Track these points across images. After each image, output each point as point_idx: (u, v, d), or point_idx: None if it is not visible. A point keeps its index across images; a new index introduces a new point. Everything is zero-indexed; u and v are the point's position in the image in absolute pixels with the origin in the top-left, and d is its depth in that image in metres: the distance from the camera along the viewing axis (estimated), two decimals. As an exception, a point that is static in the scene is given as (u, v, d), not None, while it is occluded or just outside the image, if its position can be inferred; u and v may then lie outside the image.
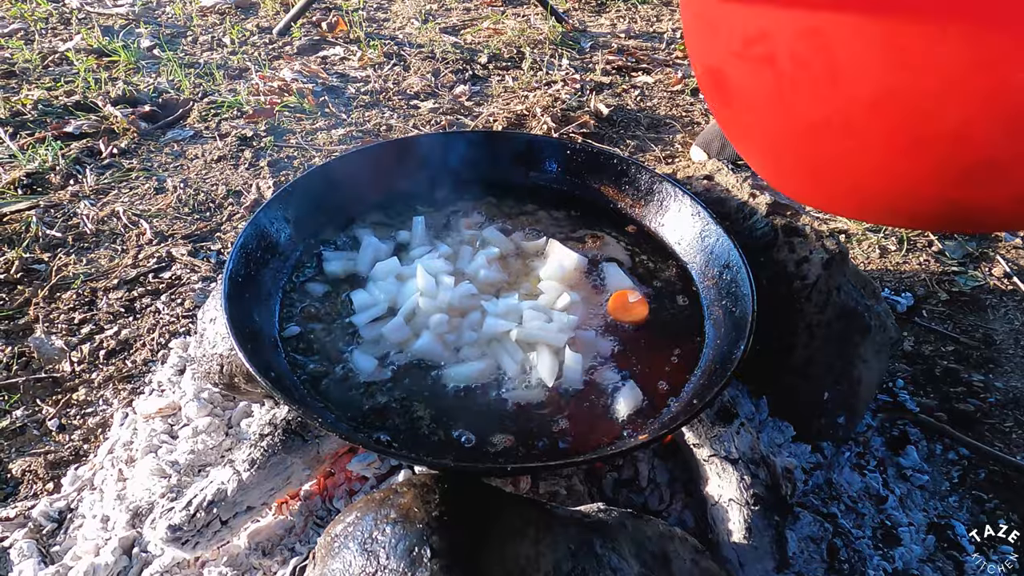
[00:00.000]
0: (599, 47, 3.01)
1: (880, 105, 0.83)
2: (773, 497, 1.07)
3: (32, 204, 1.93)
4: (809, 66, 0.84)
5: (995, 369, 1.57)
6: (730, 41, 0.94)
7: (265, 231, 1.23)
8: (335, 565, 0.83)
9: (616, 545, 0.89)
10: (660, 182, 1.38)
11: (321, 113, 2.41)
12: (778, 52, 0.88)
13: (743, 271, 1.16)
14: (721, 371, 1.04)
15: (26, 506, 1.23)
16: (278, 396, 0.95)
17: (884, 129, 0.85)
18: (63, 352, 1.53)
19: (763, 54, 0.90)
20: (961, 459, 1.38)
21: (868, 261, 1.87)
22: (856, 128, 0.86)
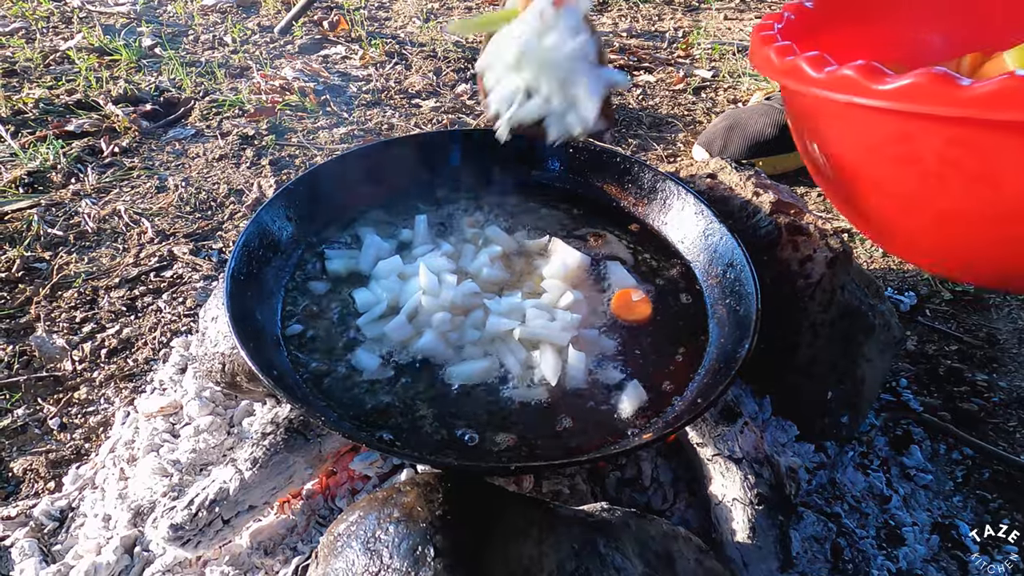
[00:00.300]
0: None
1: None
2: (777, 497, 1.07)
3: (33, 203, 1.93)
4: (960, 167, 0.83)
5: (999, 369, 1.57)
6: (865, 138, 0.92)
7: (267, 229, 1.23)
8: (338, 564, 0.82)
9: (620, 545, 0.89)
10: (663, 180, 1.37)
11: (323, 112, 2.41)
12: (924, 154, 0.86)
13: (747, 270, 1.15)
14: (725, 370, 1.04)
15: (27, 505, 1.23)
16: (280, 395, 0.95)
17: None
18: (64, 351, 1.53)
19: (905, 154, 0.88)
20: (965, 459, 1.37)
21: (871, 260, 1.86)
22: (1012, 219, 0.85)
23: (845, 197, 1.10)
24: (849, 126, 0.96)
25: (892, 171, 0.95)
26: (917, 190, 0.94)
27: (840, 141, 1.00)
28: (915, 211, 0.97)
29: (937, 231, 0.97)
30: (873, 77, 0.83)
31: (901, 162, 0.91)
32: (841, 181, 1.05)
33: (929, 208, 0.95)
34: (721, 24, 3.27)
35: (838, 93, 0.88)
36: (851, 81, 0.85)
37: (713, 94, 2.67)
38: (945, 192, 0.89)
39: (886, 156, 0.93)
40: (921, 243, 1.05)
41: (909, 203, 0.97)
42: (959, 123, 0.79)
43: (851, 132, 0.96)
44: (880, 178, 0.98)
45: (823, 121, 1.02)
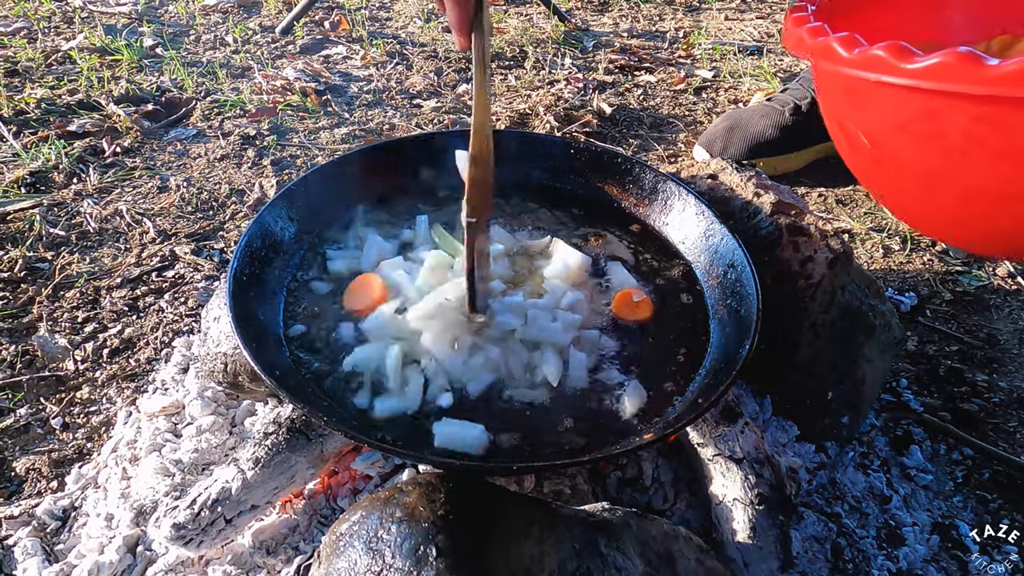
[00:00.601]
0: (602, 46, 3.01)
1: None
2: (777, 497, 1.07)
3: (35, 203, 1.93)
4: (984, 144, 0.85)
5: (999, 369, 1.57)
6: (893, 116, 0.94)
7: (269, 229, 1.23)
8: (340, 564, 0.83)
9: (621, 544, 0.89)
10: (664, 181, 1.38)
11: (324, 112, 2.41)
12: (949, 131, 0.88)
13: (748, 270, 1.16)
14: (726, 370, 1.04)
15: (30, 504, 1.23)
16: (283, 395, 0.95)
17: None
18: (67, 350, 1.53)
19: (931, 131, 0.90)
20: (965, 459, 1.38)
21: (872, 261, 1.87)
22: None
23: (873, 174, 1.12)
24: (878, 105, 0.98)
25: (918, 148, 0.97)
26: (941, 167, 0.96)
27: (869, 119, 1.02)
28: (939, 188, 0.99)
29: (960, 207, 0.99)
30: (902, 56, 0.85)
31: (927, 139, 0.94)
32: (870, 159, 1.07)
33: (953, 184, 0.96)
34: (722, 24, 3.27)
35: (868, 72, 0.90)
36: (881, 60, 0.88)
37: (714, 94, 2.67)
38: (968, 169, 0.92)
39: (913, 133, 0.95)
40: (944, 219, 1.07)
41: (934, 180, 0.99)
42: (985, 101, 0.82)
43: (880, 110, 0.98)
44: (907, 155, 1.01)
45: (853, 100, 1.04)
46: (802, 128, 2.14)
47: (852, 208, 2.07)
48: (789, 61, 2.91)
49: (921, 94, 0.88)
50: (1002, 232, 1.00)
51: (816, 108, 2.12)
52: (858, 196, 2.12)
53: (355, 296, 1.19)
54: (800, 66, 2.86)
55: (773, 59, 2.92)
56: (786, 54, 2.98)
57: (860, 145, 1.07)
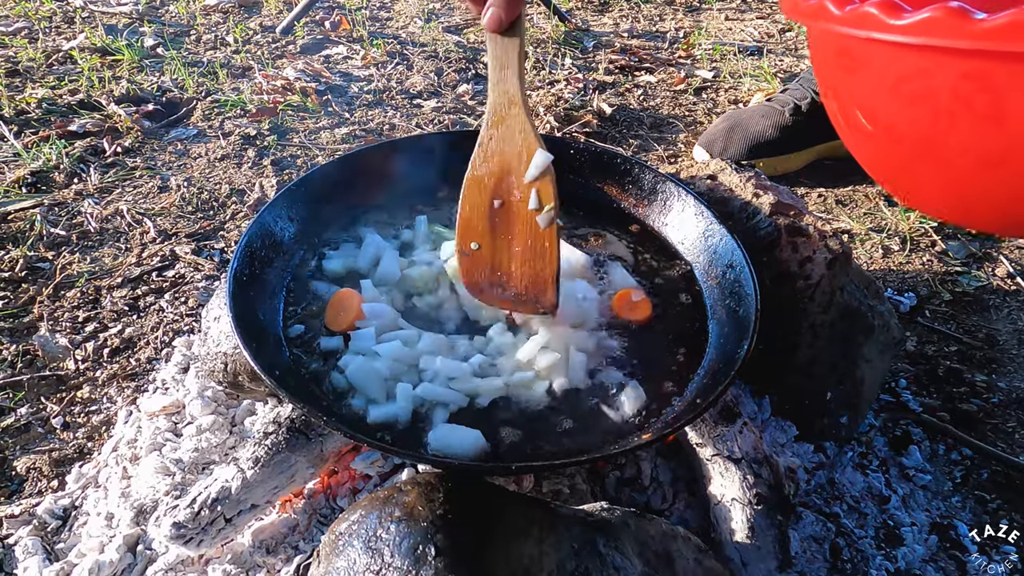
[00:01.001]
0: (602, 46, 3.01)
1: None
2: (776, 497, 1.07)
3: (36, 202, 1.94)
4: (971, 104, 0.85)
5: (998, 369, 1.57)
6: (883, 77, 0.94)
7: (269, 229, 1.24)
8: (340, 563, 0.83)
9: (619, 544, 0.89)
10: (663, 182, 1.38)
11: (324, 112, 2.42)
12: (938, 91, 0.88)
13: (746, 271, 1.16)
14: (725, 371, 1.04)
15: (31, 503, 1.24)
16: (282, 395, 0.95)
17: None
18: (67, 350, 1.54)
19: (920, 92, 0.90)
20: (964, 459, 1.38)
21: (871, 261, 1.87)
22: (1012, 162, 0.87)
23: (866, 146, 1.11)
24: (869, 66, 0.98)
25: (908, 111, 0.96)
26: (930, 131, 0.95)
27: (861, 84, 1.01)
28: (929, 155, 0.98)
29: (950, 176, 0.98)
30: (892, 12, 0.86)
31: (916, 101, 0.93)
32: (862, 129, 1.06)
33: (942, 150, 0.96)
34: (722, 24, 3.27)
35: (859, 30, 0.90)
36: (871, 17, 0.88)
37: (714, 95, 2.67)
38: (955, 132, 0.91)
39: (903, 96, 0.95)
40: (935, 190, 1.06)
41: (923, 146, 0.99)
42: (971, 56, 0.82)
43: (871, 72, 0.98)
44: (897, 120, 1.00)
45: (846, 63, 1.03)
46: (802, 128, 2.14)
47: (852, 208, 2.07)
48: (789, 61, 2.91)
49: (910, 51, 0.88)
50: (992, 203, 0.99)
51: (816, 109, 2.13)
52: (858, 197, 2.12)
53: (334, 315, 1.18)
54: (800, 66, 2.86)
55: (773, 59, 2.92)
56: (786, 54, 2.98)
57: (853, 115, 1.06)
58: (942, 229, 1.97)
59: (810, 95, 2.14)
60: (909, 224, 1.97)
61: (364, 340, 1.12)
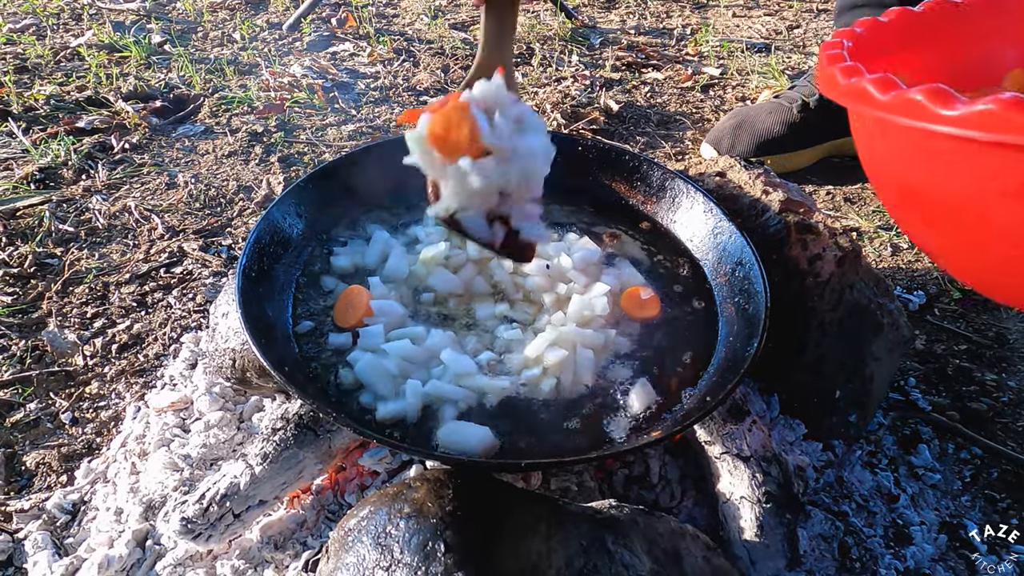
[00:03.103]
0: (609, 43, 3.00)
1: None
2: (785, 495, 1.07)
3: (45, 199, 1.94)
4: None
5: (1008, 368, 1.56)
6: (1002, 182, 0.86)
7: (278, 226, 1.24)
8: (349, 559, 0.83)
9: (628, 542, 0.89)
10: (672, 179, 1.37)
11: (331, 109, 2.42)
12: (1007, 182, 0.78)
13: (756, 268, 1.15)
14: (734, 368, 1.04)
15: (40, 498, 1.24)
16: (292, 390, 0.95)
17: None
18: (76, 346, 1.54)
19: (984, 182, 0.79)
20: (973, 458, 1.37)
21: (880, 259, 1.86)
22: None
23: (917, 224, 1.04)
24: (920, 152, 0.90)
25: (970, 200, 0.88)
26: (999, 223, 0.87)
27: (954, 182, 0.93)
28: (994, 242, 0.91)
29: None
30: (942, 102, 0.78)
31: (979, 189, 0.86)
32: (913, 209, 0.99)
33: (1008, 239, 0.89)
34: (729, 21, 3.26)
35: (905, 118, 0.83)
36: (918, 106, 0.80)
37: (721, 92, 2.66)
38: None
39: (960, 182, 0.87)
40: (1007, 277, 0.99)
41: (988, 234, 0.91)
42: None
43: (922, 158, 0.90)
44: (953, 206, 0.92)
45: (894, 146, 0.96)
46: (810, 125, 2.13)
47: (860, 206, 2.06)
48: (797, 59, 2.90)
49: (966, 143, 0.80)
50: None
51: (824, 106, 2.12)
52: (866, 194, 2.11)
53: (343, 311, 1.18)
54: (808, 63, 2.84)
55: (781, 56, 2.91)
56: (794, 52, 2.96)
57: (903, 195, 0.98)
58: (951, 227, 1.95)
59: (818, 92, 2.13)
60: (918, 222, 1.95)
61: (373, 337, 1.12)
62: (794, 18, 3.30)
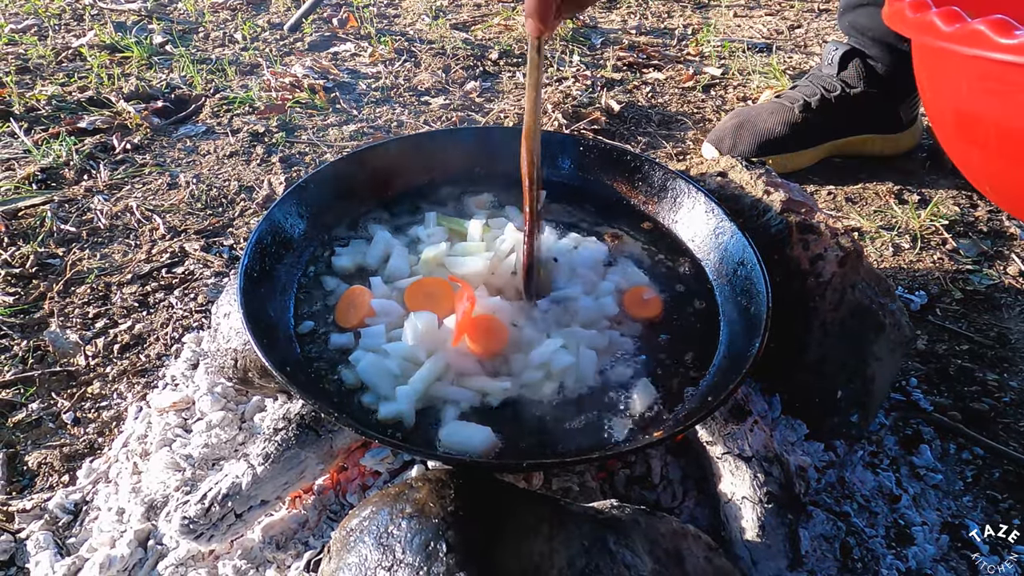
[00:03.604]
0: (610, 43, 3.00)
1: None
2: (786, 495, 1.07)
3: (47, 199, 1.95)
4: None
5: (1010, 368, 1.56)
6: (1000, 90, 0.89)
7: (280, 226, 1.24)
8: (351, 559, 0.83)
9: (629, 542, 0.89)
10: (673, 179, 1.37)
11: (332, 109, 2.42)
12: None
13: (757, 269, 1.15)
14: (735, 369, 1.04)
15: (42, 498, 1.24)
16: (294, 391, 0.95)
17: None
18: (78, 346, 1.54)
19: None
20: (975, 459, 1.37)
21: (882, 259, 1.86)
22: None
23: (969, 153, 1.06)
24: (983, 80, 0.93)
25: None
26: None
27: (973, 96, 0.96)
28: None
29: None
30: (1003, 31, 0.82)
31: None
32: (968, 137, 1.02)
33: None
34: (731, 21, 3.26)
35: (967, 47, 0.86)
36: (980, 35, 0.84)
37: (723, 92, 2.66)
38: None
39: (1016, 108, 0.89)
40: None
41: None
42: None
43: (982, 86, 0.93)
44: (1008, 131, 0.94)
45: (956, 75, 0.99)
46: (812, 125, 2.13)
47: (862, 206, 2.06)
48: (798, 58, 2.90)
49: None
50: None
51: (826, 105, 2.12)
52: (868, 194, 2.11)
53: (345, 312, 1.18)
54: (810, 63, 2.84)
55: (782, 56, 2.91)
56: (795, 51, 2.96)
57: (959, 124, 1.01)
58: (954, 227, 1.95)
59: (820, 92, 2.13)
60: (920, 222, 1.95)
61: (374, 337, 1.12)
62: (795, 18, 3.29)
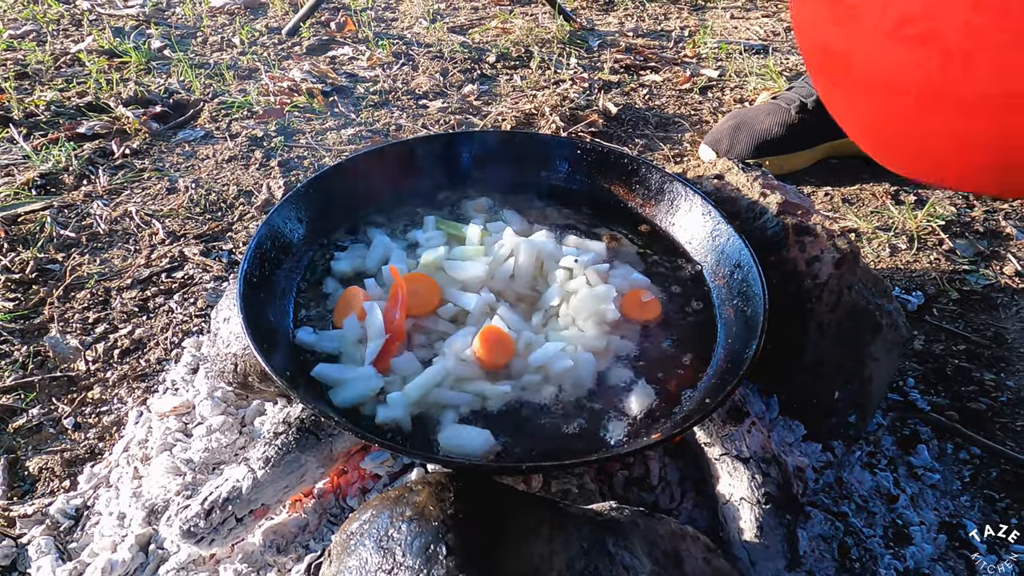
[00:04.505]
0: (607, 46, 3.01)
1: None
2: (784, 496, 1.07)
3: (46, 204, 1.95)
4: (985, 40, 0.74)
5: (1006, 368, 1.57)
6: (879, 21, 0.85)
7: (279, 231, 1.24)
8: (351, 562, 0.83)
9: (628, 544, 0.90)
10: (670, 182, 1.38)
11: (331, 113, 2.42)
12: (945, 29, 0.77)
13: (754, 271, 1.16)
14: (733, 370, 1.05)
15: (43, 503, 1.25)
16: (294, 396, 0.96)
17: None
18: (78, 351, 1.55)
19: (925, 33, 0.80)
20: (972, 458, 1.38)
21: (879, 260, 1.87)
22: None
23: (859, 106, 1.01)
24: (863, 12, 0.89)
25: (912, 57, 0.84)
26: (937, 78, 0.85)
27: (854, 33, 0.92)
28: (938, 107, 0.88)
29: (964, 130, 0.85)
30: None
31: (921, 44, 0.81)
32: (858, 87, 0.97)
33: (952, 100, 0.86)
34: (727, 23, 3.27)
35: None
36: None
37: (719, 93, 2.67)
38: (969, 76, 0.82)
39: (906, 39, 0.85)
40: (945, 151, 0.94)
41: (929, 97, 0.88)
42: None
43: (866, 19, 0.89)
44: (900, 71, 0.90)
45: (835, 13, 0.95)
46: (808, 127, 2.14)
47: (858, 207, 2.07)
48: (795, 60, 2.90)
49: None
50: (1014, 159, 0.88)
51: (822, 106, 2.12)
52: (864, 195, 2.12)
53: (342, 314, 1.18)
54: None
55: (779, 58, 2.92)
56: (792, 53, 2.97)
57: (845, 72, 0.96)
58: (950, 227, 1.96)
59: (816, 93, 2.14)
60: (916, 223, 1.96)
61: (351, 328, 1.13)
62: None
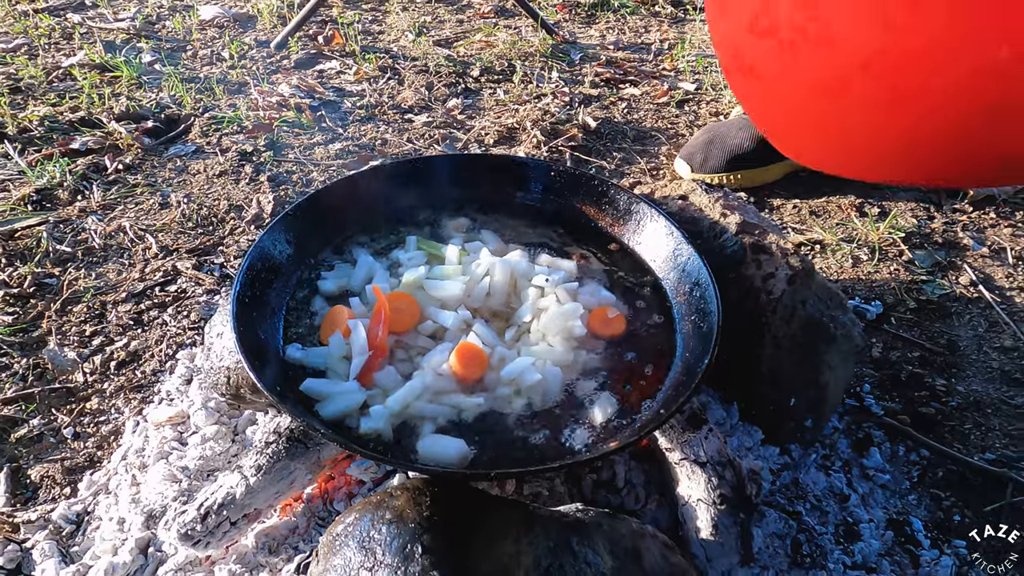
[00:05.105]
0: (588, 59, 3.10)
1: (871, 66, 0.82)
2: (738, 497, 1.16)
3: (42, 220, 2.02)
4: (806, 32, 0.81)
5: (957, 374, 1.67)
6: (741, 18, 0.94)
7: (268, 253, 1.32)
8: (336, 561, 0.92)
9: (592, 542, 0.98)
10: (637, 202, 1.47)
11: (318, 128, 2.50)
12: (780, 22, 0.85)
13: (711, 289, 1.25)
14: (687, 382, 1.13)
15: (46, 509, 1.32)
16: (284, 409, 1.04)
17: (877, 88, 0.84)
18: (76, 363, 1.62)
19: (767, 26, 0.90)
20: (921, 459, 1.47)
21: (841, 271, 1.96)
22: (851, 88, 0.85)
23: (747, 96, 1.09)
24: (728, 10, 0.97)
25: (762, 50, 0.90)
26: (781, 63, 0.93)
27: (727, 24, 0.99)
28: (786, 92, 0.93)
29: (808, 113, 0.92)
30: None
31: (764, 37, 0.88)
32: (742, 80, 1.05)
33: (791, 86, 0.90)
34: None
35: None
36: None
37: (696, 107, 2.76)
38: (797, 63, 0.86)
39: (757, 33, 0.89)
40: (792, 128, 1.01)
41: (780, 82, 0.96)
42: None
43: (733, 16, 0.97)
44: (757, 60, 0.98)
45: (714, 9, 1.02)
46: (777, 142, 2.23)
47: (825, 219, 2.16)
48: (769, 73, 3.00)
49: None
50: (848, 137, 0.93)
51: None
52: (831, 208, 2.21)
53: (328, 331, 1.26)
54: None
55: (754, 71, 3.01)
56: (766, 66, 3.07)
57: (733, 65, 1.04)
58: (910, 239, 2.06)
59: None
60: (878, 234, 2.06)
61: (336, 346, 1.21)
62: (767, 32, 3.40)
